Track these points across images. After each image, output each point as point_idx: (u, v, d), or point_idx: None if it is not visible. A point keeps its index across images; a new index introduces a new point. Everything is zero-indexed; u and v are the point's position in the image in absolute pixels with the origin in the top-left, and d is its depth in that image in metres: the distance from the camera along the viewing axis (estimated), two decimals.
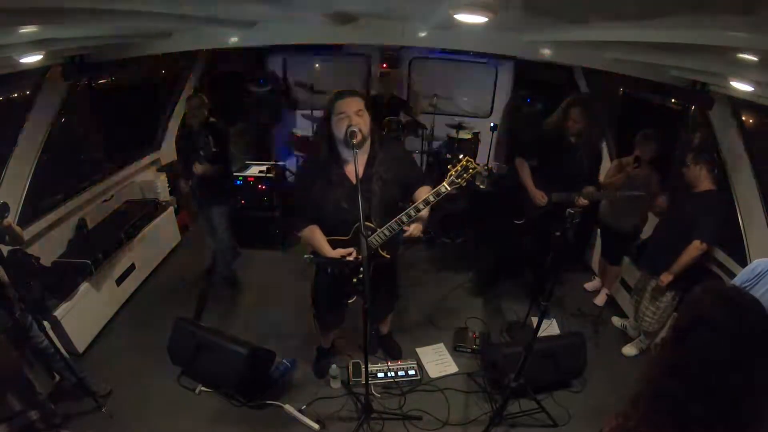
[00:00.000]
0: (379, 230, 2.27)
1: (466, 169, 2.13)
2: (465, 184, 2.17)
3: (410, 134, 5.43)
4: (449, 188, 2.14)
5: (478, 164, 2.22)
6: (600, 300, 3.88)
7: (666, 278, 2.83)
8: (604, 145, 4.39)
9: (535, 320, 2.63)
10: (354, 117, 2.17)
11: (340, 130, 2.18)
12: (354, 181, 2.17)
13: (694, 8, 1.32)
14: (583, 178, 3.29)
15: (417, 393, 2.95)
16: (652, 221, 3.43)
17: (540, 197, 3.30)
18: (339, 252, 2.33)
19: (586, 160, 3.27)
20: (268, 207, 4.39)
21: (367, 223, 2.25)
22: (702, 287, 1.02)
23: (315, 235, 2.37)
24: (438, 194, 2.16)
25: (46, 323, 2.60)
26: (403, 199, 2.41)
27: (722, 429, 0.91)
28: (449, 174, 2.15)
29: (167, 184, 4.72)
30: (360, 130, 2.15)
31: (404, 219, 2.20)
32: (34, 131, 3.10)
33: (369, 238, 2.26)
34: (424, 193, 2.29)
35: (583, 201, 3.22)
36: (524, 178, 3.40)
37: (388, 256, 2.42)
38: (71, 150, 3.66)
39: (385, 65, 5.98)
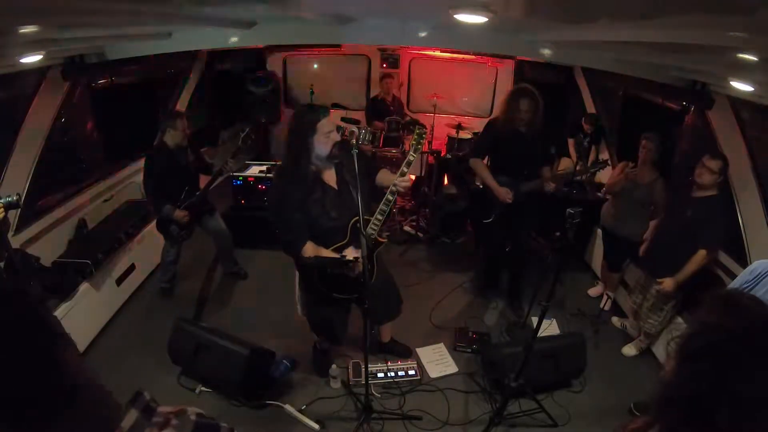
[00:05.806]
0: (372, 218, 2.34)
1: (420, 135, 2.31)
2: (421, 149, 2.44)
3: (410, 134, 5.42)
4: (415, 155, 2.31)
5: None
6: (607, 305, 3.84)
7: (668, 284, 2.80)
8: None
9: (535, 320, 2.63)
10: (335, 132, 2.30)
11: (326, 147, 2.27)
12: (336, 186, 2.38)
13: (694, 8, 1.32)
14: (539, 164, 3.30)
15: (417, 393, 2.95)
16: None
17: (504, 194, 3.23)
18: (351, 253, 2.34)
19: (538, 146, 3.26)
20: (268, 207, 4.37)
21: (366, 217, 2.28)
22: (705, 299, 1.01)
23: (320, 252, 2.36)
24: (409, 164, 2.29)
25: None
26: (371, 186, 2.50)
27: None
28: (411, 144, 2.34)
29: None
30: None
31: (390, 197, 2.31)
32: (34, 131, 3.10)
33: (367, 228, 2.30)
34: (384, 173, 2.52)
35: (550, 185, 3.21)
36: (484, 177, 3.34)
37: (386, 240, 2.53)
38: (71, 150, 3.65)
39: (385, 65, 5.98)
